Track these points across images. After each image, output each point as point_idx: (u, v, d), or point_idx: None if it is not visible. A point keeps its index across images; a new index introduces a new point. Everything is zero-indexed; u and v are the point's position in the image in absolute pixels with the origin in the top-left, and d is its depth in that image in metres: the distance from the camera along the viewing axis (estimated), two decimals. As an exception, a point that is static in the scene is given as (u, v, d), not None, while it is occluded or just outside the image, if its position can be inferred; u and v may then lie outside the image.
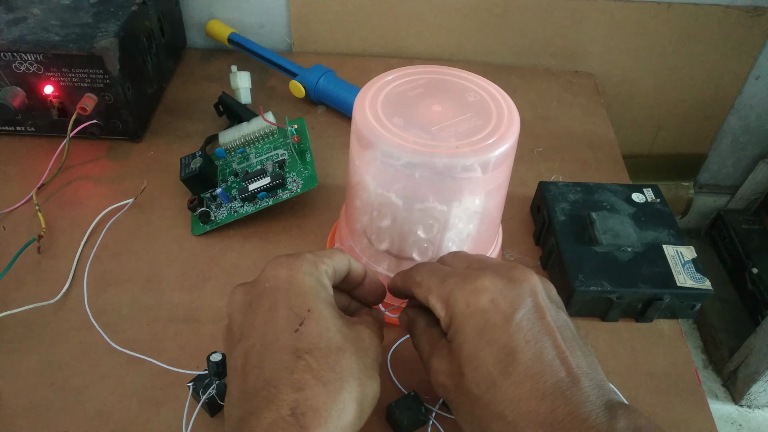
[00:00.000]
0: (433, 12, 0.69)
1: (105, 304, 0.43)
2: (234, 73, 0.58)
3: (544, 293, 0.29)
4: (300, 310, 0.28)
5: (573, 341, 0.28)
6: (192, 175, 0.48)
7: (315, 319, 0.28)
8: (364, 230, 0.39)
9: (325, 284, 0.30)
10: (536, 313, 0.28)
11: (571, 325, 0.29)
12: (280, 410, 0.25)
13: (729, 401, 0.88)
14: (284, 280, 0.29)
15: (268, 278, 0.29)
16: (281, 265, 0.29)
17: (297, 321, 0.27)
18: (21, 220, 0.48)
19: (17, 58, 0.50)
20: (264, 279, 0.29)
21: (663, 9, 0.67)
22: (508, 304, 0.28)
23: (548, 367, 0.26)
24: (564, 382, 0.26)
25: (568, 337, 0.28)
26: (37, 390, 0.37)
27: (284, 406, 0.25)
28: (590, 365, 0.28)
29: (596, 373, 0.28)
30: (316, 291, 0.29)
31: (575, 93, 0.68)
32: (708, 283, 0.42)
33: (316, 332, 0.27)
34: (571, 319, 0.30)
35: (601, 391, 0.26)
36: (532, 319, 0.28)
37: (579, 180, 0.53)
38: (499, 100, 0.37)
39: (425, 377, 0.38)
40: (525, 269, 0.30)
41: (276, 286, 0.29)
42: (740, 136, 0.82)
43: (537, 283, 0.30)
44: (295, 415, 0.25)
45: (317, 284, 0.29)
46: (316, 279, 0.29)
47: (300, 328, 0.27)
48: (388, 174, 0.34)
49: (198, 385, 0.35)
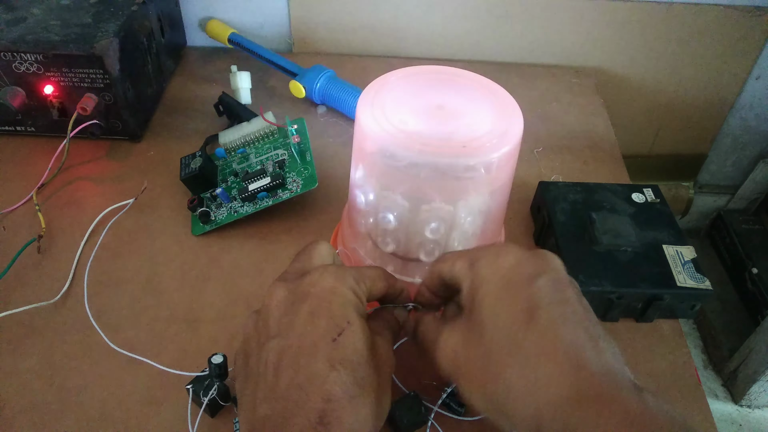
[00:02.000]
0: (433, 12, 0.69)
1: (105, 304, 0.42)
2: (234, 73, 0.58)
3: (564, 274, 0.29)
4: (340, 320, 0.29)
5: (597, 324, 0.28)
6: (192, 175, 0.48)
7: (352, 332, 0.29)
8: (368, 233, 0.39)
9: (363, 300, 0.31)
10: (559, 284, 0.28)
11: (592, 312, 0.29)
12: (309, 417, 0.26)
13: (729, 401, 0.88)
14: (329, 289, 0.30)
15: (315, 284, 0.30)
16: (329, 274, 0.30)
17: (336, 331, 0.28)
18: (21, 220, 0.48)
19: (17, 58, 0.50)
20: (310, 284, 0.30)
21: (663, 9, 0.68)
22: (532, 267, 0.29)
23: (570, 330, 0.26)
24: (587, 347, 0.26)
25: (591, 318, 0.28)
26: (37, 390, 0.37)
27: (313, 414, 0.26)
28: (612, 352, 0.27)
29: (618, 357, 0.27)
30: (356, 305, 0.30)
31: (575, 93, 0.68)
32: (708, 283, 0.42)
33: (351, 345, 0.28)
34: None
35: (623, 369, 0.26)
36: (554, 286, 0.28)
37: (579, 180, 0.53)
38: (502, 100, 0.37)
39: (425, 377, 0.37)
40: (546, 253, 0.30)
41: (321, 294, 0.29)
42: (740, 136, 0.82)
43: (560, 263, 0.30)
44: (324, 423, 0.26)
45: (357, 299, 0.30)
46: (356, 294, 0.30)
47: (338, 339, 0.28)
48: (393, 175, 0.34)
49: (197, 387, 0.35)
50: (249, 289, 0.44)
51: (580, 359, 0.25)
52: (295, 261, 0.33)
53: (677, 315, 0.44)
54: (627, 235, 0.44)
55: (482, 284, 0.29)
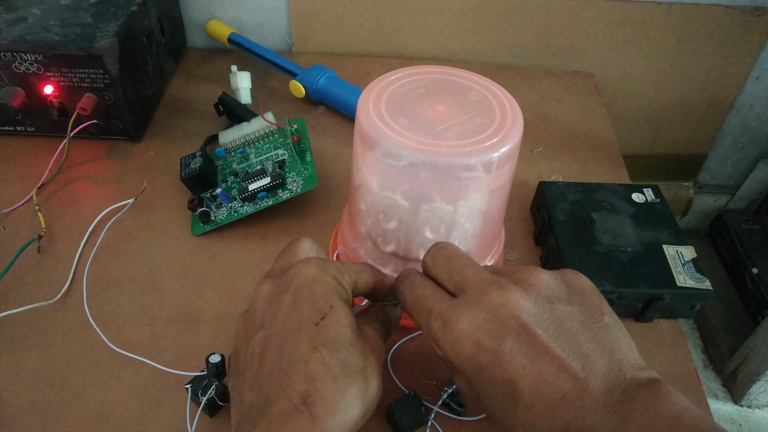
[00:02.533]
0: (433, 12, 0.69)
1: (105, 304, 0.42)
2: (234, 73, 0.58)
3: (529, 306, 0.28)
4: (323, 306, 0.29)
5: (577, 334, 0.27)
6: (192, 175, 0.48)
7: (335, 315, 0.29)
8: (368, 233, 0.39)
9: (347, 289, 0.31)
10: (524, 335, 0.27)
11: (576, 308, 0.28)
12: (292, 398, 0.26)
13: (729, 401, 0.88)
14: (312, 278, 0.30)
15: (297, 275, 0.30)
16: (312, 265, 0.31)
17: (319, 315, 0.29)
18: (21, 220, 0.48)
19: (17, 58, 0.50)
20: (293, 275, 0.31)
21: (663, 9, 0.67)
22: (492, 339, 0.27)
23: (552, 385, 0.26)
24: (571, 395, 0.26)
25: (571, 332, 0.27)
26: (37, 390, 0.37)
27: (296, 395, 0.26)
28: (602, 348, 0.27)
29: (610, 355, 0.27)
30: (339, 291, 0.30)
31: (575, 93, 0.68)
32: (708, 283, 0.42)
33: (334, 327, 0.29)
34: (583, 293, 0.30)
35: (618, 379, 0.26)
36: (521, 342, 0.27)
37: (579, 180, 0.53)
38: (502, 100, 0.37)
39: (425, 377, 0.37)
40: (503, 288, 0.28)
41: (303, 283, 0.30)
42: (740, 136, 0.82)
43: (517, 300, 0.28)
44: (306, 404, 0.26)
45: (340, 287, 0.31)
46: (339, 282, 0.31)
47: (320, 323, 0.29)
48: (394, 175, 0.34)
49: (196, 387, 0.35)
50: (249, 289, 0.44)
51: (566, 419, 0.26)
52: (280, 258, 0.34)
53: (677, 315, 0.44)
54: (627, 235, 0.44)
55: (459, 372, 0.29)
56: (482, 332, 0.28)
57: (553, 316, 0.28)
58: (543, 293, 0.29)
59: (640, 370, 0.27)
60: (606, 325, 0.28)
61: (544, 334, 0.27)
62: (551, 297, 0.29)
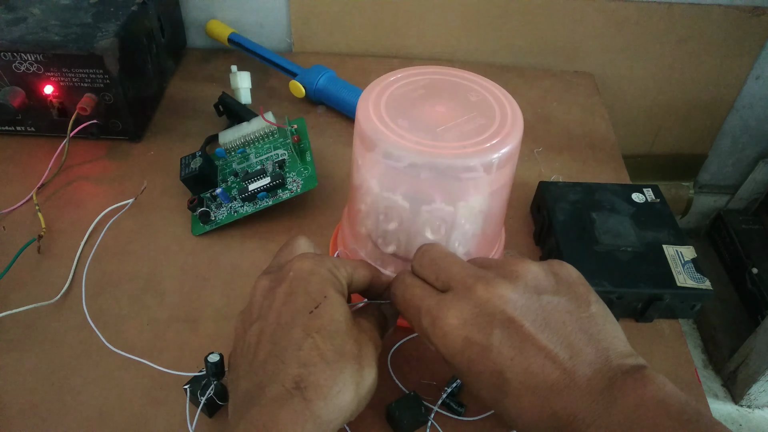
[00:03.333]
0: (433, 12, 0.69)
1: (105, 304, 0.42)
2: (234, 73, 0.58)
3: (516, 298, 0.28)
4: (317, 296, 0.30)
5: (564, 325, 0.28)
6: (192, 175, 0.48)
7: (329, 303, 0.30)
8: (369, 234, 0.39)
9: (342, 282, 0.32)
10: (511, 328, 0.27)
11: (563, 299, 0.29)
12: (284, 383, 0.27)
13: (729, 401, 0.88)
14: (308, 270, 0.31)
15: (293, 269, 0.31)
16: (308, 259, 0.32)
17: (313, 305, 0.29)
18: (21, 220, 0.48)
19: (17, 58, 0.50)
20: (289, 269, 0.31)
21: (663, 9, 0.67)
22: (480, 334, 0.28)
23: (539, 375, 0.27)
24: (558, 384, 0.26)
25: (559, 323, 0.28)
26: (37, 390, 0.37)
27: (289, 380, 0.27)
28: (589, 338, 0.27)
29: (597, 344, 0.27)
30: (333, 283, 0.31)
31: (575, 93, 0.68)
32: (708, 283, 0.42)
33: (328, 315, 0.29)
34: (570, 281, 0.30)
35: (604, 367, 0.26)
36: (508, 335, 0.27)
37: (579, 180, 0.53)
38: (502, 100, 0.37)
39: (425, 377, 0.37)
40: (489, 283, 0.29)
41: (299, 275, 0.31)
42: (740, 136, 0.82)
43: (503, 294, 0.28)
44: (299, 388, 0.27)
45: (335, 279, 0.31)
46: (335, 275, 0.32)
47: (314, 311, 0.29)
48: (394, 176, 0.34)
49: (195, 387, 0.35)
50: (249, 289, 0.44)
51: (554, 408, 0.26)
52: (277, 256, 0.35)
53: (677, 315, 0.44)
54: (627, 235, 0.44)
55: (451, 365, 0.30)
56: (470, 327, 0.28)
57: (541, 308, 0.28)
58: (530, 285, 0.29)
59: (626, 357, 0.27)
60: (593, 314, 0.29)
61: (531, 325, 0.27)
62: (538, 288, 0.29)
